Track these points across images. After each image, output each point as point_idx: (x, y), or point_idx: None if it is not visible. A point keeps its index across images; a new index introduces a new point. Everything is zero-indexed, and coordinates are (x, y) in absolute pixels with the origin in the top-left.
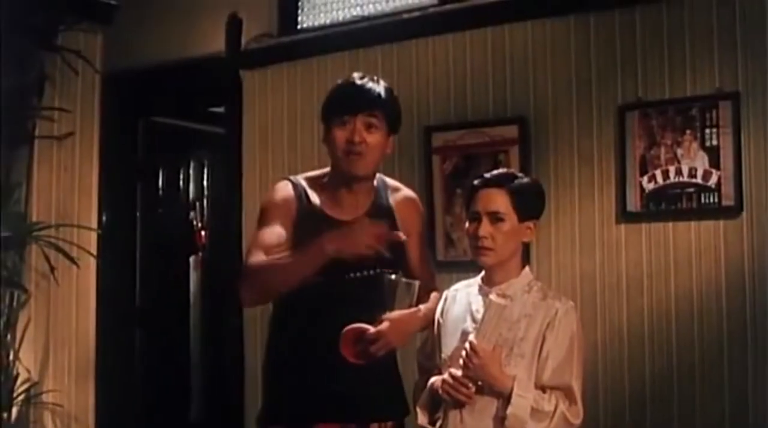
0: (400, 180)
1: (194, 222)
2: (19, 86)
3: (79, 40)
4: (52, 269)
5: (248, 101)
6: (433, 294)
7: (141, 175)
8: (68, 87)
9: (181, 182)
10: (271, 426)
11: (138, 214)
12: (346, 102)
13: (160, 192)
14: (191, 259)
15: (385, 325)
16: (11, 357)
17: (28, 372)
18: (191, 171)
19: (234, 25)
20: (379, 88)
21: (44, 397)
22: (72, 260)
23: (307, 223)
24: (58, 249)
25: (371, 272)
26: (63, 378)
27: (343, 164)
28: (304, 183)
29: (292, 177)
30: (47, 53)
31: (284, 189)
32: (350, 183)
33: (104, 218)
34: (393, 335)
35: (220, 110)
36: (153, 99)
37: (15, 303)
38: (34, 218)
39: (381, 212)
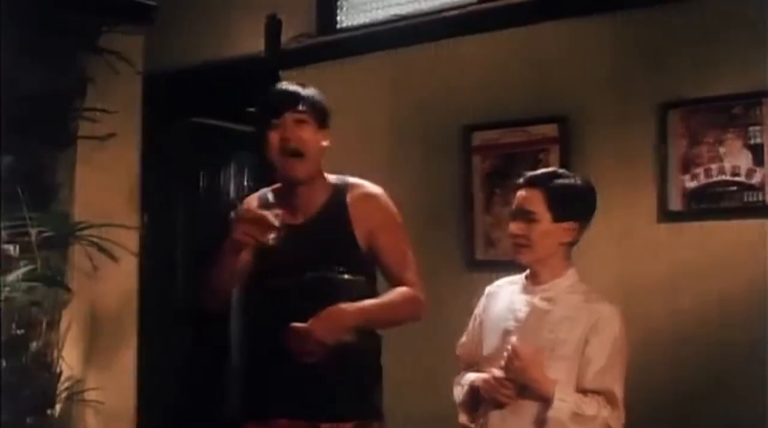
0: (439, 179)
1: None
2: (62, 88)
3: (120, 41)
4: (95, 268)
5: None
6: (398, 290)
7: (182, 175)
8: (110, 88)
9: (221, 182)
10: (240, 421)
11: (179, 214)
12: (271, 105)
13: (201, 192)
14: None
15: (311, 321)
16: (55, 354)
17: (71, 369)
18: (232, 171)
19: (273, 26)
20: (299, 87)
21: (86, 395)
22: (114, 259)
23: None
24: (101, 249)
25: (315, 273)
26: (105, 375)
27: (284, 168)
28: (269, 195)
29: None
30: (89, 55)
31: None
32: (296, 186)
33: (145, 219)
34: (320, 330)
35: None
36: (193, 100)
37: (59, 302)
38: (77, 218)
39: (333, 211)
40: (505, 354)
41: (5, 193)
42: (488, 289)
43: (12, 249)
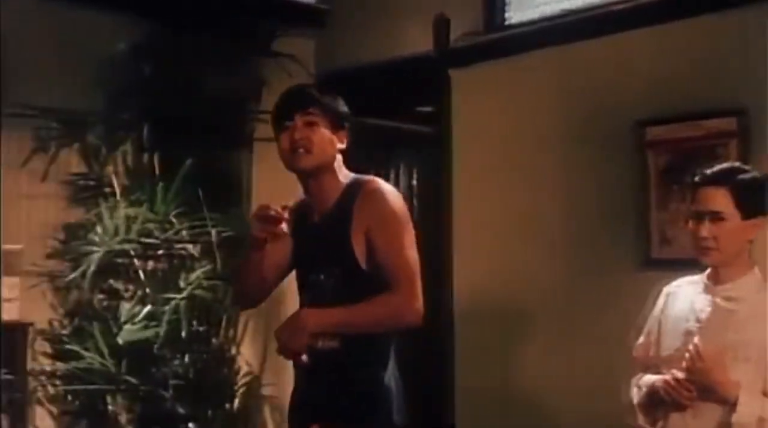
0: (611, 176)
1: None
2: (239, 91)
3: (293, 44)
4: None
5: (457, 100)
6: (380, 296)
7: None
8: (284, 91)
9: (390, 181)
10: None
11: None
12: (282, 108)
13: None
14: None
15: (279, 327)
16: (234, 350)
17: (249, 365)
18: (401, 170)
19: (441, 25)
20: (312, 89)
21: (264, 390)
22: None
23: (297, 226)
24: None
25: (317, 273)
26: (281, 371)
27: (291, 161)
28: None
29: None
30: (264, 59)
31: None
32: (307, 182)
33: None
34: (283, 335)
35: (429, 109)
36: (362, 100)
37: None
38: None
39: (340, 210)
40: (687, 355)
41: (188, 194)
42: (667, 289)
43: (194, 249)
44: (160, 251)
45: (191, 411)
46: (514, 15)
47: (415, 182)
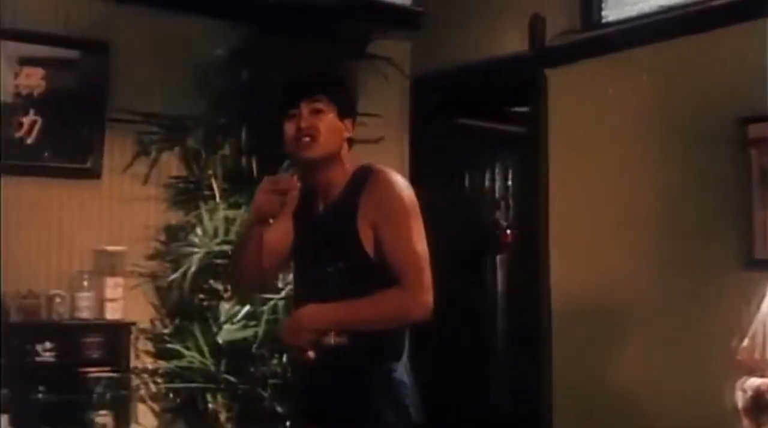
0: (713, 174)
1: (500, 221)
2: None
3: (388, 47)
4: None
5: (553, 100)
6: (387, 291)
7: (446, 177)
8: (378, 93)
9: (486, 182)
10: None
11: (444, 216)
12: (288, 95)
13: (466, 193)
14: (497, 258)
15: (282, 322)
16: None
17: None
18: (496, 171)
19: (537, 24)
20: (319, 76)
21: None
22: None
23: (299, 216)
24: None
25: (323, 267)
26: None
27: (296, 150)
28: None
29: None
30: (359, 62)
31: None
32: (311, 172)
33: None
34: (285, 332)
35: (524, 109)
36: (458, 101)
37: None
38: None
39: (346, 201)
40: None
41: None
42: None
43: None
44: None
45: (289, 410)
46: (611, 13)
47: (510, 183)
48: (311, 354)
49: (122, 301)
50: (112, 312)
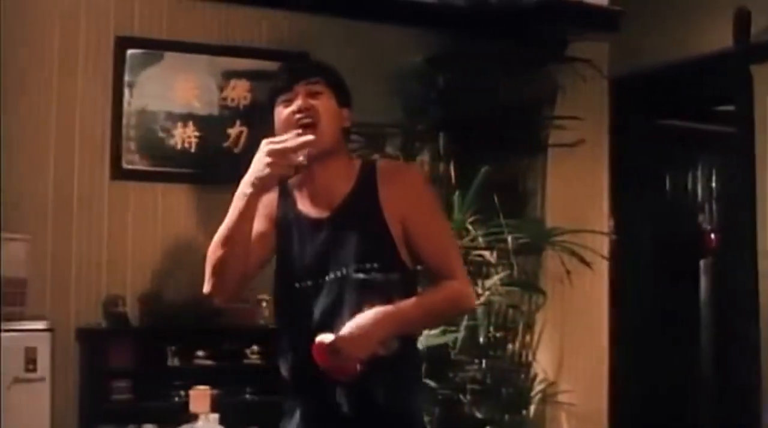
0: None
1: (703, 225)
2: (534, 98)
3: (586, 48)
4: (568, 272)
5: (760, 97)
6: (442, 285)
7: (647, 178)
8: (577, 95)
9: (688, 184)
10: None
11: (646, 218)
12: (283, 78)
13: (667, 195)
14: (701, 263)
15: (341, 333)
16: (530, 356)
17: (545, 372)
18: (699, 173)
19: (742, 18)
20: (314, 61)
21: (560, 397)
22: (587, 264)
23: (284, 221)
24: (574, 254)
25: (342, 274)
26: (577, 378)
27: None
28: (295, 181)
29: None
30: (558, 64)
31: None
32: (312, 167)
33: (611, 223)
34: (349, 343)
35: (729, 108)
36: (658, 101)
37: (534, 306)
38: (549, 224)
39: (361, 198)
40: None
41: (483, 201)
42: None
43: (490, 255)
44: None
45: (488, 415)
46: None
47: (714, 184)
48: (359, 368)
49: None
50: None
